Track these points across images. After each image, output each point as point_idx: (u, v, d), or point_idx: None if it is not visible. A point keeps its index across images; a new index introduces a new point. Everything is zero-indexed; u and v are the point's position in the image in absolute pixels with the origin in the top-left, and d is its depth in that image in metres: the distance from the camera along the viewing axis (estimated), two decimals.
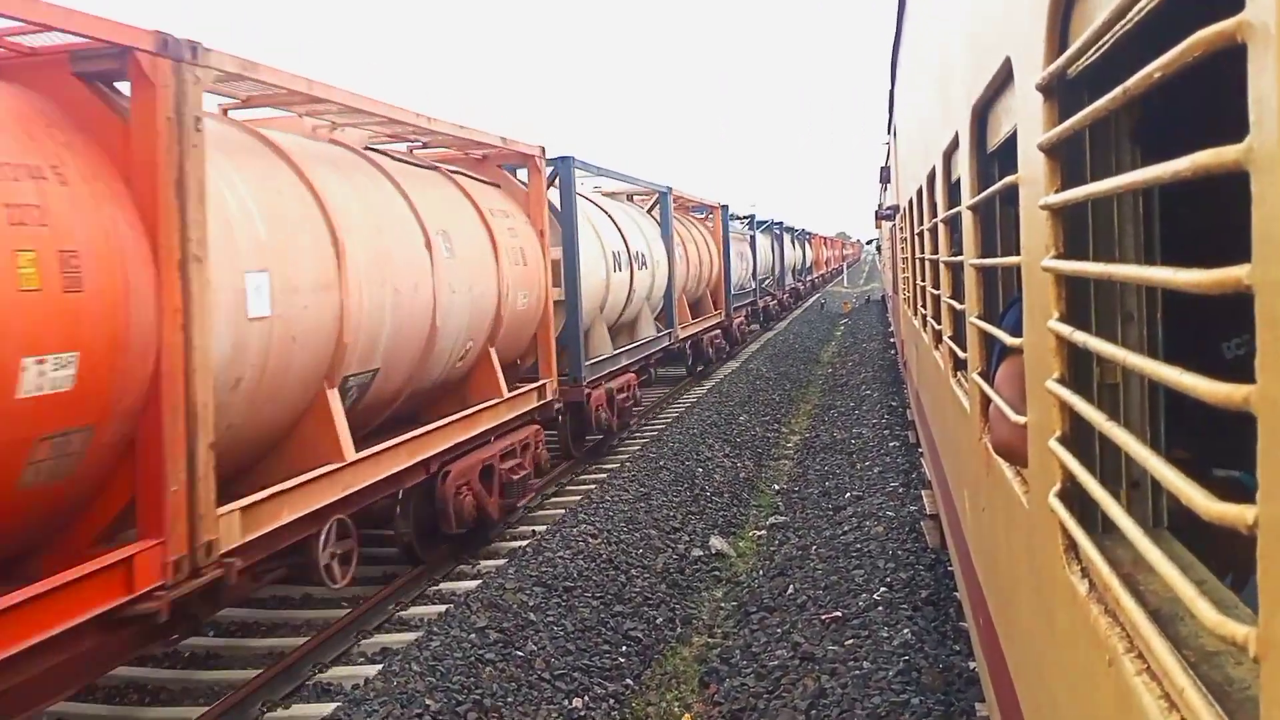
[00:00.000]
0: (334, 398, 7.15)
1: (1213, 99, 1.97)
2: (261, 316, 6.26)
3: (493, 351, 10.02)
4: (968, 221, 3.36)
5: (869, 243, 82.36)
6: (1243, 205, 0.91)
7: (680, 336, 19.34)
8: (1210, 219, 2.12)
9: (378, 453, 7.60)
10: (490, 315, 9.86)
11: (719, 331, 23.66)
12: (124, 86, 5.57)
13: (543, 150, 11.64)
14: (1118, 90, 1.25)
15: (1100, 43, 1.48)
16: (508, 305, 10.12)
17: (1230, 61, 0.99)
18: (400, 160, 9.54)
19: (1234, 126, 0.93)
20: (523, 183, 11.68)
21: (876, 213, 21.85)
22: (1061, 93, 1.76)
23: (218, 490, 5.69)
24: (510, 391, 10.28)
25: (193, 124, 5.57)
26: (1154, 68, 1.09)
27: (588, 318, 13.61)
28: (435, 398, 9.54)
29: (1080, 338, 1.60)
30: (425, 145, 10.51)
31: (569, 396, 12.60)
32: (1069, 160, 1.77)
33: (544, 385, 11.21)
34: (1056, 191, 1.74)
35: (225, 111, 7.67)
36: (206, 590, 5.68)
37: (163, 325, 5.38)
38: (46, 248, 4.72)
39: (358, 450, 7.29)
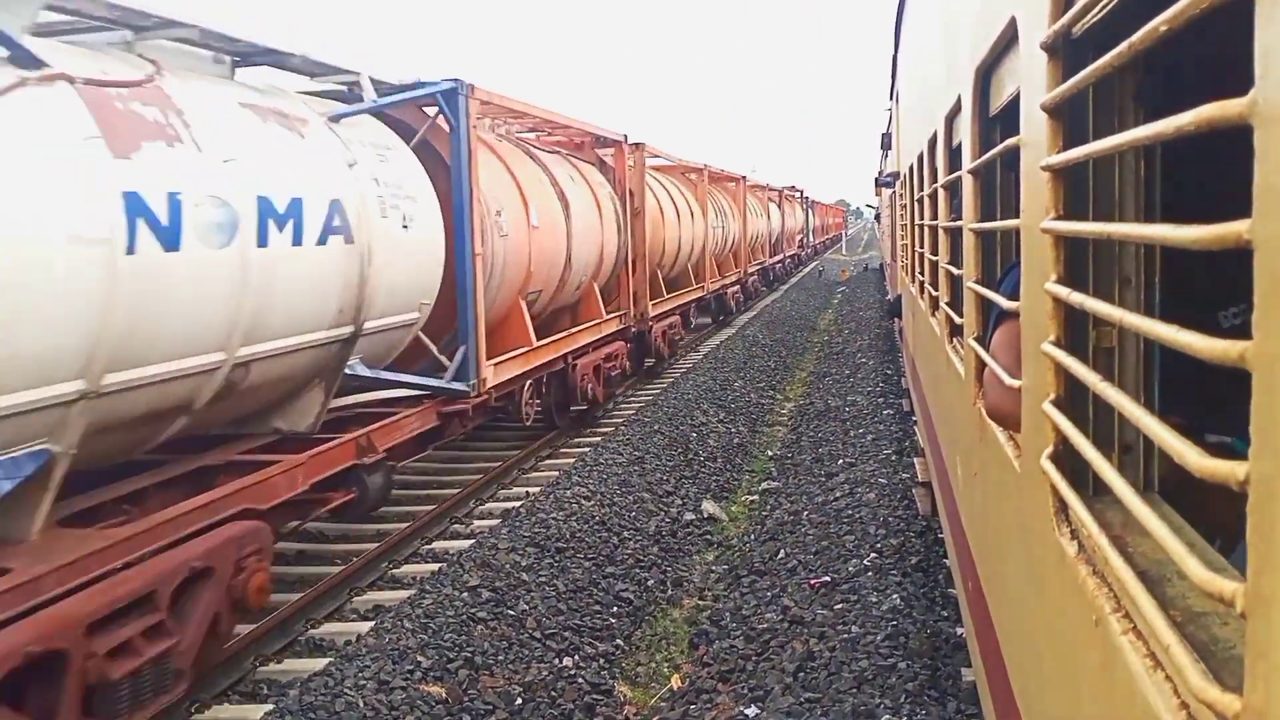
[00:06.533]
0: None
1: (1216, 69, 1.95)
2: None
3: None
4: (968, 186, 3.35)
5: (870, 208, 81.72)
6: (1244, 171, 0.89)
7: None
8: (1210, 189, 2.11)
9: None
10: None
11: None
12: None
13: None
14: (1123, 46, 1.23)
15: (1105, 0, 1.46)
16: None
17: (1234, 24, 0.98)
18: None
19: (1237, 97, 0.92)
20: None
21: (876, 179, 21.79)
22: (1066, 52, 1.73)
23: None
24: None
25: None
26: (1160, 21, 1.08)
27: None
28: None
29: (1077, 298, 1.59)
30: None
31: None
32: (1072, 121, 1.76)
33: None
34: (1058, 152, 1.73)
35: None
36: None
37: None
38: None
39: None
